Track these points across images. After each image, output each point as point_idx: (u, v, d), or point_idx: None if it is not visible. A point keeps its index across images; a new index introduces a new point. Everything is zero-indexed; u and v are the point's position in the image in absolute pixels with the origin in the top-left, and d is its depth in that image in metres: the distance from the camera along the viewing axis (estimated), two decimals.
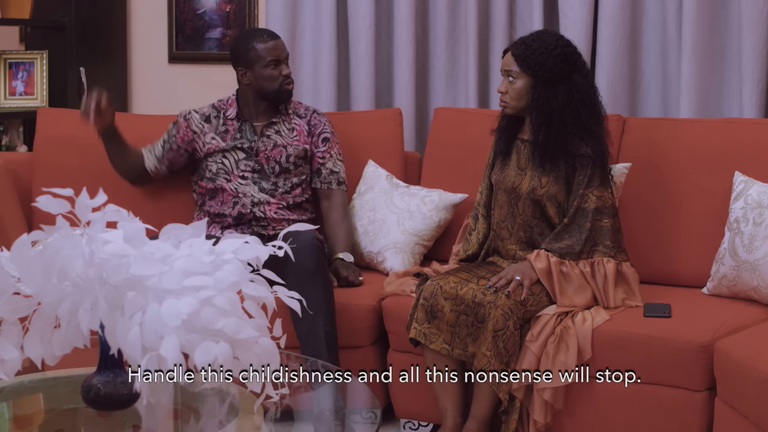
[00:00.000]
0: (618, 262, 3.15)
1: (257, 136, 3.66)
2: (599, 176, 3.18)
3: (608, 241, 3.15)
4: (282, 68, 3.65)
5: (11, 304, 2.11)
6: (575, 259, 3.13)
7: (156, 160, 3.77)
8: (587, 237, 3.14)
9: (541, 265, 3.10)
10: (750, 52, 3.75)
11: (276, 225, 3.62)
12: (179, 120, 3.75)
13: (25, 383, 2.43)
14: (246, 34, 3.73)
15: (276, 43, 3.66)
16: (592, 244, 3.15)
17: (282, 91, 3.66)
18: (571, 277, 3.11)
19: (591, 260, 3.14)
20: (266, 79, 3.63)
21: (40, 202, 2.06)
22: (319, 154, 3.70)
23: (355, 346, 3.39)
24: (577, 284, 3.11)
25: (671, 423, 2.98)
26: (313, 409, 2.57)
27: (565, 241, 3.15)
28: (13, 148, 4.61)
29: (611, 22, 3.95)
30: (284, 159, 3.65)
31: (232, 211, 3.63)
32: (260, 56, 3.63)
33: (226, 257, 2.11)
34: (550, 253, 3.12)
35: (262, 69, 3.63)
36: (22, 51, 4.71)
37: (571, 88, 3.17)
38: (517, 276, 3.08)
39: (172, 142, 3.75)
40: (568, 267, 3.11)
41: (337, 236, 3.63)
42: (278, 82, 3.64)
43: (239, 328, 2.04)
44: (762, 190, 3.21)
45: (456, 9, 4.23)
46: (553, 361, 2.99)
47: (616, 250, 3.16)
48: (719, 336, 2.95)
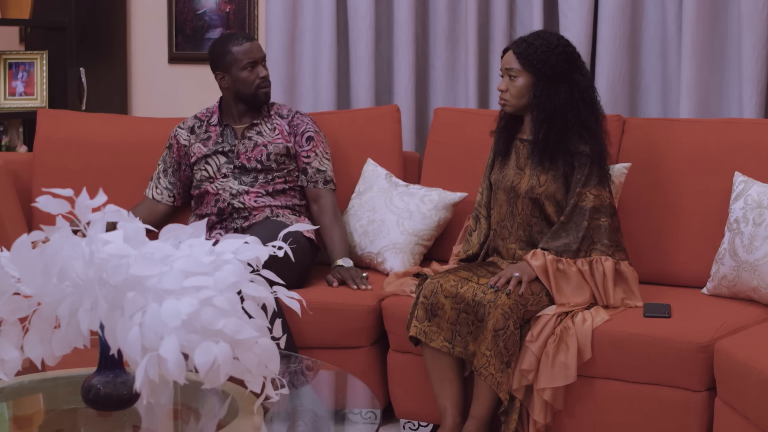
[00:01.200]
0: (616, 261, 3.15)
1: (238, 139, 3.67)
2: (597, 175, 3.18)
3: (606, 240, 3.15)
4: (258, 70, 3.65)
5: (11, 304, 2.11)
6: (573, 257, 3.13)
7: (167, 191, 3.78)
8: (584, 235, 3.14)
9: (538, 263, 3.10)
10: (750, 52, 3.75)
11: (257, 213, 3.62)
12: (170, 141, 3.78)
13: (25, 383, 2.43)
14: (222, 39, 3.75)
15: (251, 45, 3.66)
16: (589, 243, 3.15)
17: (258, 95, 3.66)
18: (568, 274, 3.11)
19: (589, 258, 3.14)
20: (242, 81, 3.64)
21: (40, 203, 2.06)
22: (304, 153, 3.70)
23: (355, 346, 3.39)
24: (575, 282, 3.11)
25: (671, 423, 2.98)
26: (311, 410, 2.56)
27: (563, 239, 3.15)
28: (13, 148, 4.62)
29: (611, 22, 3.95)
30: (265, 157, 3.65)
31: (213, 209, 3.64)
32: (236, 59, 3.64)
33: (226, 257, 2.11)
34: (547, 252, 3.12)
35: (239, 72, 3.64)
36: (22, 51, 4.71)
37: (572, 86, 3.18)
38: (516, 273, 3.08)
39: (173, 164, 3.77)
40: (565, 264, 3.11)
41: (333, 241, 3.60)
42: (254, 86, 3.65)
43: (239, 329, 2.04)
44: (762, 191, 3.21)
45: (456, 9, 4.23)
46: (553, 361, 3.00)
47: (614, 249, 3.16)
48: (719, 336, 2.95)
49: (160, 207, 3.78)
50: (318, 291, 3.42)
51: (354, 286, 3.42)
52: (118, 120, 4.12)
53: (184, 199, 3.82)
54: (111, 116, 4.14)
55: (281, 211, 3.65)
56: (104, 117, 4.08)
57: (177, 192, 3.79)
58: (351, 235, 3.71)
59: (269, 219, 3.60)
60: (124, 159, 3.90)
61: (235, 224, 3.62)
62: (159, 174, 3.79)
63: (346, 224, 3.72)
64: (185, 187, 3.80)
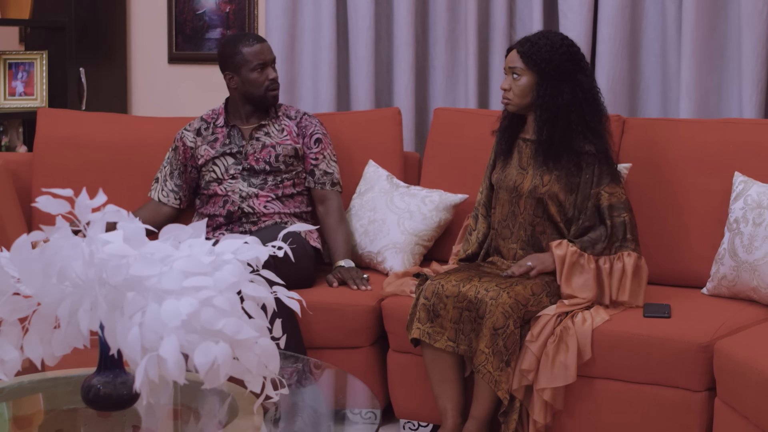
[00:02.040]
0: (638, 256, 3.16)
1: (246, 140, 3.67)
2: (608, 173, 3.18)
3: (629, 235, 3.16)
4: (268, 72, 3.64)
5: (11, 304, 2.11)
6: (597, 254, 3.13)
7: (174, 193, 3.77)
8: (610, 234, 3.15)
9: (561, 252, 3.12)
10: (750, 52, 3.75)
11: (267, 219, 3.62)
12: (175, 143, 3.77)
13: (25, 384, 2.43)
14: (232, 39, 3.73)
15: (262, 47, 3.65)
16: (614, 241, 3.15)
17: (267, 97, 3.66)
18: (584, 270, 3.11)
19: (613, 256, 3.14)
20: (252, 83, 3.64)
21: (40, 203, 2.05)
22: (312, 155, 3.69)
23: (355, 346, 3.39)
24: (585, 279, 3.11)
25: (671, 423, 2.98)
26: (312, 410, 2.56)
27: (590, 236, 3.16)
28: (12, 148, 4.61)
29: (611, 23, 3.95)
30: (273, 159, 3.64)
31: (222, 210, 3.63)
32: (246, 60, 3.63)
33: (226, 258, 2.11)
34: (572, 244, 3.13)
35: (249, 73, 3.63)
36: (22, 51, 4.71)
37: (576, 87, 3.18)
38: (529, 262, 3.12)
39: (179, 166, 3.76)
40: (585, 260, 3.12)
41: (336, 242, 3.61)
42: (263, 87, 3.64)
43: (239, 329, 2.04)
44: (762, 191, 3.21)
45: (456, 9, 4.23)
46: (553, 361, 3.00)
47: (635, 244, 3.17)
48: (719, 336, 2.95)
49: (165, 209, 3.78)
50: (318, 291, 3.42)
51: (354, 287, 3.42)
52: (117, 120, 4.12)
53: (190, 201, 3.82)
54: (111, 116, 4.14)
55: (290, 218, 3.64)
56: (104, 117, 4.08)
57: (183, 195, 3.78)
58: (352, 234, 3.71)
59: (277, 224, 3.59)
60: (124, 159, 3.90)
61: (242, 228, 3.60)
62: (165, 176, 3.78)
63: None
64: (191, 189, 3.79)
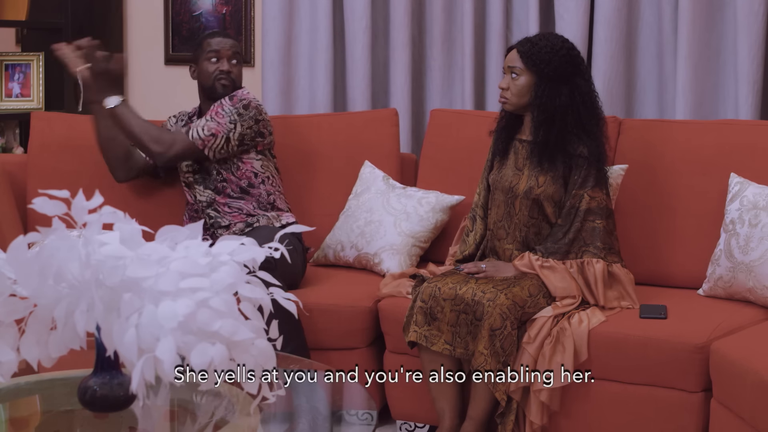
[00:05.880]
0: (608, 264, 3.16)
1: None
2: (594, 177, 3.19)
3: (599, 242, 3.16)
4: (222, 63, 3.61)
5: (7, 305, 2.10)
6: (561, 258, 3.14)
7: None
8: (575, 237, 3.15)
9: (524, 262, 3.17)
10: (745, 53, 3.76)
11: (233, 218, 3.59)
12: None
13: (22, 385, 2.43)
14: (203, 34, 3.76)
15: (222, 40, 3.65)
16: (581, 245, 3.16)
17: (215, 86, 3.62)
18: (555, 270, 3.13)
19: (580, 260, 3.15)
20: (204, 73, 3.64)
21: (36, 204, 2.05)
22: None
23: (352, 347, 3.39)
24: (560, 276, 3.13)
25: (667, 424, 2.98)
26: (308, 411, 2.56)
27: (553, 241, 3.17)
28: (9, 149, 4.61)
29: (607, 24, 3.96)
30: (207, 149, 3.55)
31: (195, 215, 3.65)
32: (203, 49, 3.64)
33: (223, 259, 2.11)
34: (534, 254, 3.15)
35: (203, 62, 3.63)
36: (19, 53, 4.70)
37: (574, 89, 3.19)
38: (483, 265, 3.17)
39: None
40: (551, 263, 3.13)
41: None
42: (212, 77, 3.61)
43: (235, 330, 2.04)
44: (757, 192, 3.21)
45: (452, 11, 4.23)
46: (550, 362, 3.00)
47: (606, 252, 3.16)
48: (715, 337, 2.95)
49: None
50: (314, 293, 3.42)
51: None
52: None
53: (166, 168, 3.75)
54: None
55: (258, 213, 3.60)
56: None
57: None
58: (348, 235, 3.71)
59: (261, 227, 3.57)
60: None
61: (213, 231, 3.59)
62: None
63: (342, 224, 3.72)
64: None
